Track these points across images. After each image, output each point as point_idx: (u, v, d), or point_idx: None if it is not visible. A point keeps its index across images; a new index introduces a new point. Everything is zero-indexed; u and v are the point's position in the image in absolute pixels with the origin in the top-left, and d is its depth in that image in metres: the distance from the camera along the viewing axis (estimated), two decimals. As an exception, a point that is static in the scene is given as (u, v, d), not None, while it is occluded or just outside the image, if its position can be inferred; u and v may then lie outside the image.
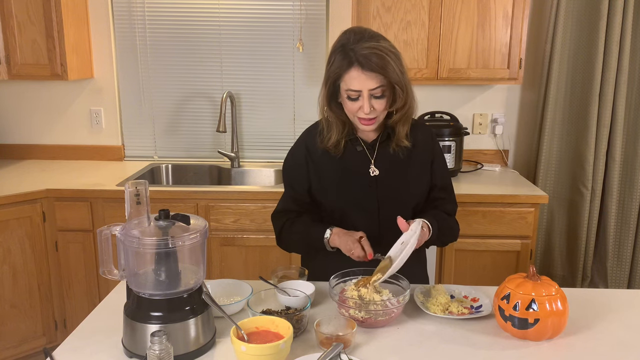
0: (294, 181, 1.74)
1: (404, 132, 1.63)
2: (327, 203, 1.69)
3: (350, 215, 1.67)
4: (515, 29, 2.73)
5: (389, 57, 1.48)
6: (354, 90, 1.51)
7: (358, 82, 1.50)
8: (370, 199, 1.66)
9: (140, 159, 3.30)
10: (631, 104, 3.03)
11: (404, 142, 1.64)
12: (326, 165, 1.68)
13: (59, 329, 2.79)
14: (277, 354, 1.19)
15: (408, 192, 1.68)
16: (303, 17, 3.09)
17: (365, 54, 1.47)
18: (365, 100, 1.52)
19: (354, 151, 1.67)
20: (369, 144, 1.68)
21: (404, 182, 1.67)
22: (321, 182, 1.69)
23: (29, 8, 2.76)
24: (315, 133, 1.69)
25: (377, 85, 1.50)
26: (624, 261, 3.17)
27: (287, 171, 1.77)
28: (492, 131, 3.22)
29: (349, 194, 1.66)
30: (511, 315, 1.34)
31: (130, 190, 1.27)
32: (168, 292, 1.26)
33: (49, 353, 1.28)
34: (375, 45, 1.48)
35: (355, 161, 1.67)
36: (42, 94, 3.22)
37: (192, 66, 3.18)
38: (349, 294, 1.45)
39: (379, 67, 1.47)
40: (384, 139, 1.67)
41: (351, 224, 1.67)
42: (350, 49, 1.50)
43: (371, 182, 1.66)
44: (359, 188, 1.66)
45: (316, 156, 1.68)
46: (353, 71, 1.50)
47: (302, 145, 1.72)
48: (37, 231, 2.64)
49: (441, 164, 1.75)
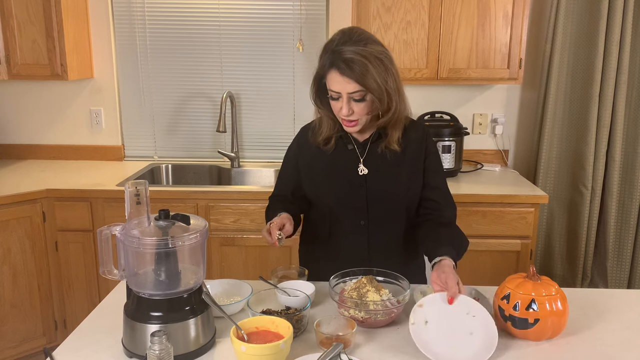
0: (282, 176, 1.80)
1: (396, 136, 1.62)
2: (316, 199, 1.71)
3: (339, 213, 1.68)
4: (515, 28, 2.73)
5: (370, 64, 1.46)
6: (334, 91, 1.52)
7: (337, 84, 1.50)
8: (358, 197, 1.66)
9: (140, 159, 3.30)
10: (631, 104, 3.03)
11: (393, 146, 1.62)
12: (317, 161, 1.69)
13: (59, 329, 2.80)
14: (277, 354, 1.19)
15: (398, 192, 1.66)
16: (303, 17, 3.09)
17: (346, 58, 1.47)
18: (344, 102, 1.51)
19: (344, 149, 1.67)
20: (360, 142, 1.67)
21: (393, 182, 1.66)
22: (312, 177, 1.70)
23: (29, 8, 2.76)
24: (309, 128, 1.72)
25: (355, 90, 1.49)
26: (624, 261, 3.17)
27: (282, 164, 1.82)
28: (492, 131, 3.22)
29: (338, 191, 1.67)
30: (511, 315, 1.34)
31: (130, 190, 1.27)
32: (168, 292, 1.26)
33: (49, 353, 1.28)
34: (359, 51, 1.47)
35: (345, 159, 1.67)
36: (42, 94, 3.22)
37: (192, 66, 3.18)
38: (349, 294, 1.45)
39: (355, 74, 1.46)
40: (375, 139, 1.66)
41: (340, 221, 1.68)
42: (334, 50, 1.50)
43: (360, 180, 1.66)
44: (348, 186, 1.66)
45: (307, 152, 1.70)
46: (333, 73, 1.50)
47: (294, 143, 1.77)
48: (37, 231, 2.64)
49: (433, 163, 1.69)
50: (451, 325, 1.31)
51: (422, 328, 1.30)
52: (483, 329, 1.30)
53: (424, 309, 1.34)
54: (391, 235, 1.70)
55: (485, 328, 1.30)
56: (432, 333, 1.28)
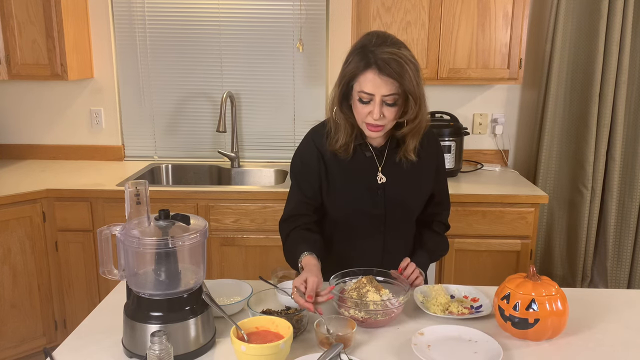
0: (304, 184, 1.67)
1: (413, 145, 1.60)
2: (333, 206, 1.67)
3: (356, 220, 1.66)
4: (515, 29, 2.73)
5: (407, 66, 1.45)
6: (367, 93, 1.48)
7: (372, 85, 1.46)
8: (376, 205, 1.65)
9: (140, 159, 3.30)
10: (631, 104, 3.03)
11: (410, 156, 1.62)
12: (334, 168, 1.65)
13: (59, 329, 2.79)
14: (277, 354, 1.19)
15: (414, 200, 1.69)
16: (303, 17, 3.09)
17: (385, 58, 1.44)
18: (377, 105, 1.48)
19: (362, 156, 1.65)
20: (377, 150, 1.65)
21: (410, 190, 1.67)
22: (329, 184, 1.66)
23: (29, 8, 2.76)
24: (322, 134, 1.65)
25: (391, 92, 1.46)
26: (624, 261, 3.17)
27: (296, 174, 1.70)
28: (492, 131, 3.22)
29: (356, 199, 1.65)
30: (511, 315, 1.34)
31: (130, 190, 1.27)
32: (168, 292, 1.26)
33: (49, 353, 1.28)
34: (396, 52, 1.45)
35: (363, 166, 1.65)
36: (42, 94, 3.22)
37: (192, 66, 3.18)
38: (349, 294, 1.45)
39: (396, 73, 1.44)
40: (393, 146, 1.65)
41: (356, 228, 1.67)
42: (370, 50, 1.47)
43: (378, 188, 1.65)
44: (367, 194, 1.64)
45: (326, 157, 1.65)
46: (369, 73, 1.46)
47: (311, 146, 1.66)
48: (37, 231, 2.64)
49: (442, 174, 1.77)
50: (454, 349, 1.31)
51: (425, 349, 1.30)
52: (486, 348, 1.30)
53: (426, 337, 1.34)
54: (404, 240, 1.74)
55: (488, 345, 1.30)
56: (435, 354, 1.28)
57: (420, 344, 1.30)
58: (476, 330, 1.36)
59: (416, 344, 1.29)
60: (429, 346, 1.31)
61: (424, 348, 1.29)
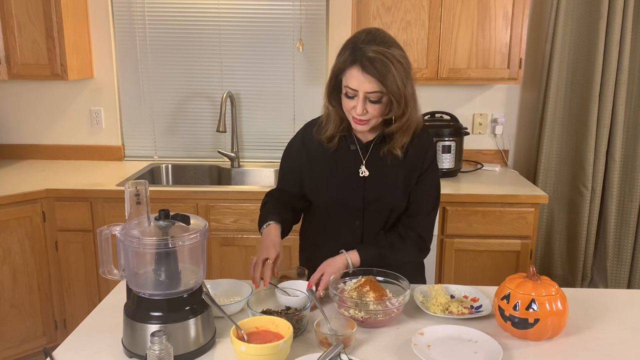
0: (285, 174, 1.77)
1: (402, 142, 1.61)
2: (314, 196, 1.71)
3: (335, 211, 1.69)
4: (515, 29, 2.73)
5: (393, 66, 1.45)
6: (352, 88, 1.50)
7: (356, 81, 1.49)
8: (356, 198, 1.66)
9: (140, 159, 3.30)
10: (631, 104, 3.03)
11: (396, 151, 1.62)
12: (318, 159, 1.69)
13: (59, 329, 2.79)
14: (277, 354, 1.19)
15: (392, 195, 1.66)
16: (303, 17, 3.09)
17: (370, 57, 1.45)
18: (360, 101, 1.50)
19: (347, 149, 1.67)
20: (363, 144, 1.67)
21: (390, 186, 1.66)
22: (312, 174, 1.70)
23: (29, 8, 2.76)
24: (314, 124, 1.71)
25: (374, 90, 1.48)
26: (624, 261, 3.17)
27: (282, 162, 1.80)
28: (492, 131, 3.22)
29: (337, 191, 1.67)
30: (511, 315, 1.34)
31: (130, 190, 1.27)
32: (168, 292, 1.26)
33: (49, 353, 1.28)
34: (383, 51, 1.46)
35: (347, 159, 1.67)
36: (42, 94, 3.22)
37: (192, 66, 3.18)
38: (349, 294, 1.45)
39: (378, 73, 1.45)
40: (379, 141, 1.66)
41: (335, 220, 1.69)
42: (358, 47, 1.48)
43: (359, 182, 1.66)
44: (347, 186, 1.66)
45: (310, 148, 1.70)
46: (354, 69, 1.48)
47: (298, 138, 1.75)
48: (37, 231, 2.64)
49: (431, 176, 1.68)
50: (454, 349, 1.31)
51: (425, 349, 1.30)
52: (486, 348, 1.30)
53: (426, 337, 1.34)
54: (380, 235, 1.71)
55: (488, 345, 1.30)
56: (435, 354, 1.28)
57: (420, 344, 1.31)
58: (476, 330, 1.36)
59: (416, 344, 1.29)
60: (429, 346, 1.31)
61: (424, 348, 1.30)
